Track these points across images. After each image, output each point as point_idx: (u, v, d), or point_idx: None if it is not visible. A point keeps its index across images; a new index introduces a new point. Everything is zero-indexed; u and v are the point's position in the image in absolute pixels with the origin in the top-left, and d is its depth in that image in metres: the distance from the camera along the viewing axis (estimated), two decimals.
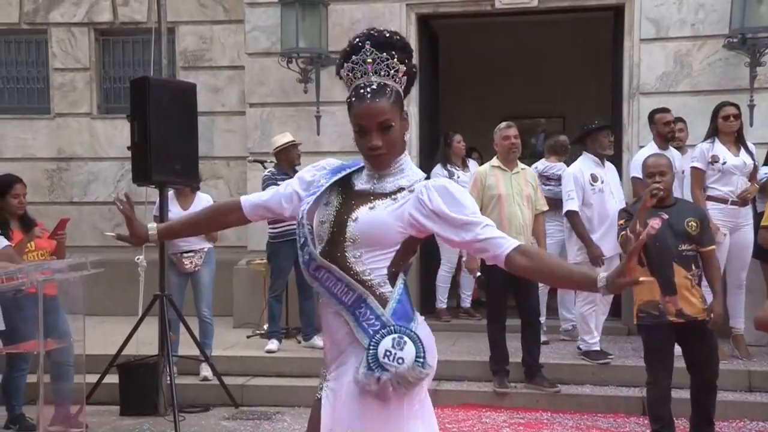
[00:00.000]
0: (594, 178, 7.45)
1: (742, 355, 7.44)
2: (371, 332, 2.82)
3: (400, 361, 2.74)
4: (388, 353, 2.75)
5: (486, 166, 7.42)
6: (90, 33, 10.98)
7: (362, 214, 2.88)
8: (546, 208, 7.40)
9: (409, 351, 2.76)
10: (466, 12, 9.49)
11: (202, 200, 7.52)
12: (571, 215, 7.48)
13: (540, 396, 7.14)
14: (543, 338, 8.17)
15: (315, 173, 3.10)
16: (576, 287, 2.85)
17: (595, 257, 7.23)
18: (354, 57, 2.89)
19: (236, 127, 10.43)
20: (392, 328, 2.80)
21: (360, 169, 3.05)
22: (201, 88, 8.09)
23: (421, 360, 2.76)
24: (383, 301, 2.86)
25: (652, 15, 8.89)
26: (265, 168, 8.44)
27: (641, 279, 2.58)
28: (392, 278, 2.89)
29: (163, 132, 6.75)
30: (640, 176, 6.14)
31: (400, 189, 2.92)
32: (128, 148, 6.89)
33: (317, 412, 2.93)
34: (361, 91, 2.85)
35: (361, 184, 2.98)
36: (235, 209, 3.22)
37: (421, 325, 2.91)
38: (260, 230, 8.67)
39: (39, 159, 10.97)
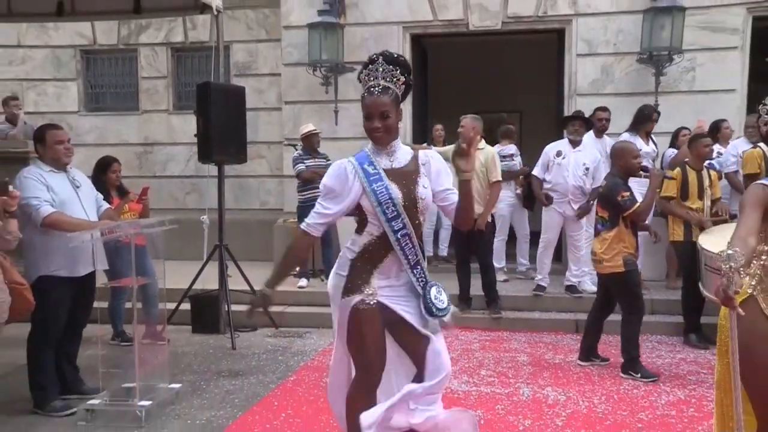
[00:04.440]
0: (558, 154, 7.44)
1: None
2: (422, 284, 3.17)
3: (442, 302, 3.15)
4: (435, 297, 3.13)
5: (454, 145, 7.34)
6: (168, 50, 10.98)
7: (422, 192, 3.15)
8: (495, 179, 7.01)
9: (445, 297, 3.18)
10: (448, 33, 9.45)
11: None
12: (532, 176, 7.75)
13: (501, 320, 7.20)
14: (504, 277, 8.27)
15: (342, 181, 3.13)
16: (464, 200, 3.14)
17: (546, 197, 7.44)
18: (371, 66, 3.13)
19: (275, 119, 10.42)
20: (432, 282, 3.19)
21: (368, 155, 3.18)
22: (249, 90, 8.10)
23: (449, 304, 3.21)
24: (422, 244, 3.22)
25: (585, 36, 8.89)
26: (296, 150, 8.48)
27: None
28: None
29: (221, 124, 6.77)
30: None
31: (417, 165, 3.18)
32: (195, 135, 6.91)
33: (372, 314, 3.14)
34: (372, 89, 3.08)
35: (386, 164, 3.16)
36: (312, 242, 3.32)
37: None
38: (292, 196, 8.74)
39: (131, 144, 10.99)
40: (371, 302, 3.13)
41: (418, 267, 3.16)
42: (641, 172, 5.64)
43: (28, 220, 4.53)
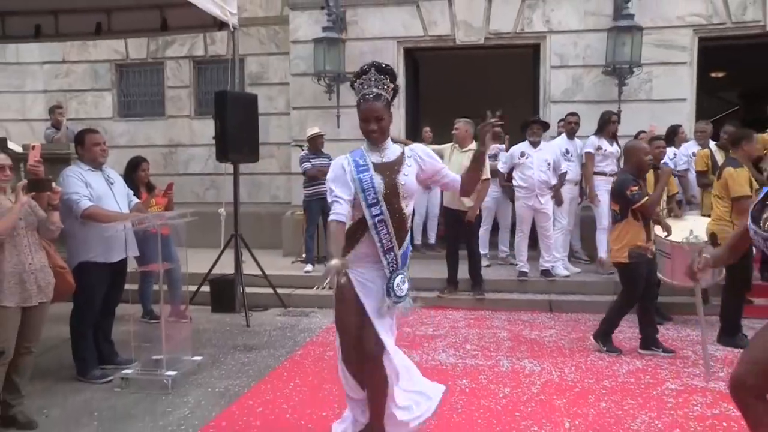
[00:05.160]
0: (522, 154, 7.48)
1: (605, 270, 7.50)
2: (391, 269, 3.11)
3: (401, 290, 3.11)
4: (398, 285, 3.08)
5: (449, 144, 7.33)
6: (190, 63, 11.02)
7: (403, 179, 3.14)
8: (484, 177, 6.87)
9: (406, 288, 3.13)
10: (437, 46, 9.48)
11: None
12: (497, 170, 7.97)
13: (484, 300, 7.20)
14: (487, 263, 8.25)
15: (341, 170, 3.16)
16: (476, 169, 3.25)
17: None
18: (364, 76, 3.12)
19: (284, 123, 10.43)
20: (401, 270, 3.12)
21: (363, 152, 3.21)
22: (261, 97, 8.07)
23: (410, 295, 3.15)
24: (406, 233, 3.18)
25: (558, 51, 8.94)
26: (302, 150, 8.49)
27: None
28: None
29: (236, 127, 6.75)
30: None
31: (402, 158, 3.19)
32: (213, 138, 6.88)
33: (348, 283, 3.09)
34: (367, 96, 3.10)
35: (376, 159, 3.18)
36: (343, 227, 3.07)
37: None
38: (299, 191, 8.74)
39: (157, 146, 11.02)
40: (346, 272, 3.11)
41: (391, 253, 3.10)
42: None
43: (69, 212, 4.56)
